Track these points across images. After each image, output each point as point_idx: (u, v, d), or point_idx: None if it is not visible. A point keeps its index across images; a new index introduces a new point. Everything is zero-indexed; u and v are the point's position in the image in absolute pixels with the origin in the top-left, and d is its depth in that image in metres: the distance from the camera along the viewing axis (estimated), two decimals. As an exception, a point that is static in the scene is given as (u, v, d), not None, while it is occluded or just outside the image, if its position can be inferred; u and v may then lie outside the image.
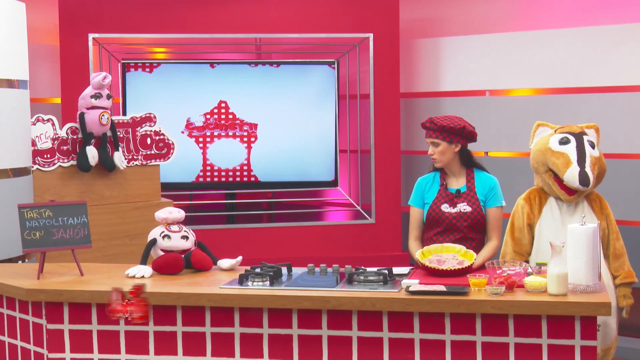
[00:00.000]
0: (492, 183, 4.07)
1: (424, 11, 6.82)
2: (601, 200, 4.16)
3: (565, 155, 4.05)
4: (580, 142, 4.08)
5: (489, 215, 4.02)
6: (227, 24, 6.43)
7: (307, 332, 3.29)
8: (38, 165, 4.66)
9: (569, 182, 4.00)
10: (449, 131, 4.01)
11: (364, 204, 6.72)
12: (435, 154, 4.04)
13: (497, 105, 6.33)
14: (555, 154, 4.08)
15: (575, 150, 4.05)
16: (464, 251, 3.65)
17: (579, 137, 4.10)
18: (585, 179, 3.98)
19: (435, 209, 4.03)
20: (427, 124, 4.06)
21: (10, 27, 4.26)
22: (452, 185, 4.08)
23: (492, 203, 4.03)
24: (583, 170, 3.99)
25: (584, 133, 4.15)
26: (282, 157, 6.61)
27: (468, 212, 3.99)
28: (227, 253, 3.95)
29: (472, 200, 4.02)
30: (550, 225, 4.11)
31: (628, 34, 5.72)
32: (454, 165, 4.07)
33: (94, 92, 4.76)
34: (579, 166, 4.00)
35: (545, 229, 4.11)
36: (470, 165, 4.10)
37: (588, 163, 4.02)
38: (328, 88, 6.60)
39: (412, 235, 4.13)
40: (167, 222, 3.78)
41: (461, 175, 4.09)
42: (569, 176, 4.00)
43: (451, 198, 4.02)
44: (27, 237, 3.60)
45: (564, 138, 4.11)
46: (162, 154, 5.08)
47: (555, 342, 3.11)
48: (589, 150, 4.07)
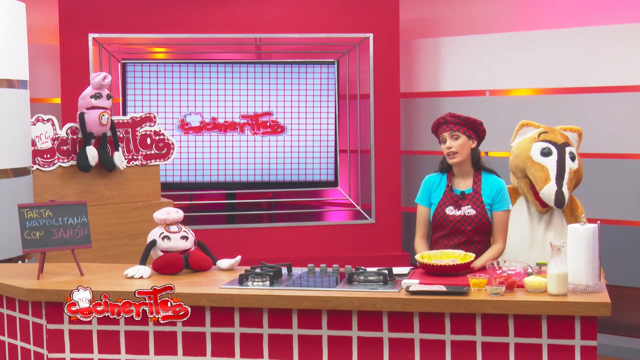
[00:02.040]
0: (499, 186, 3.98)
1: (424, 11, 6.83)
2: (572, 202, 4.15)
3: (545, 169, 4.06)
4: (562, 156, 4.07)
5: (495, 219, 3.95)
6: (227, 24, 6.43)
7: (307, 332, 3.29)
8: (38, 165, 4.66)
9: (544, 198, 4.04)
10: (470, 125, 3.96)
11: (364, 204, 6.72)
12: (455, 147, 3.94)
13: (497, 105, 6.33)
14: (535, 166, 4.09)
15: (556, 166, 4.05)
16: (463, 255, 3.65)
17: (561, 150, 4.09)
18: (560, 200, 4.02)
19: (440, 212, 3.99)
20: (447, 118, 3.99)
21: (10, 27, 4.26)
22: (459, 186, 4.02)
23: (498, 207, 3.95)
24: (560, 190, 4.01)
25: (567, 142, 4.14)
26: (282, 157, 6.61)
27: (472, 216, 3.93)
28: (227, 253, 3.95)
29: (476, 203, 3.96)
30: (517, 224, 4.12)
31: (628, 34, 5.72)
32: (466, 164, 4.00)
33: (94, 92, 4.76)
34: (556, 185, 4.01)
35: (512, 227, 4.11)
36: (479, 167, 4.04)
37: (566, 180, 4.04)
38: (328, 88, 6.60)
39: (418, 233, 4.07)
40: (166, 223, 3.77)
41: (469, 176, 4.02)
42: (545, 193, 4.04)
43: (456, 200, 3.97)
44: (27, 237, 3.60)
45: (545, 149, 4.09)
46: (162, 154, 5.08)
47: (555, 342, 3.11)
48: (569, 164, 4.07)
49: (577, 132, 4.23)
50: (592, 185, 5.20)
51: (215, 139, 6.54)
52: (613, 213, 5.69)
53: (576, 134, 4.22)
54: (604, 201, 5.72)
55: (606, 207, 5.71)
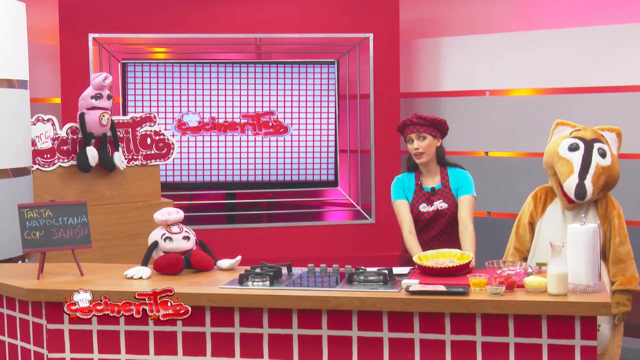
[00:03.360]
0: (463, 176, 4.19)
1: (424, 11, 6.82)
2: (608, 203, 4.08)
3: (570, 163, 3.99)
4: (588, 151, 4.01)
5: (460, 203, 4.13)
6: (227, 24, 6.43)
7: (307, 332, 3.29)
8: (38, 165, 4.66)
9: (567, 191, 3.98)
10: (435, 125, 4.15)
11: (364, 204, 6.73)
12: (422, 148, 4.14)
13: (497, 105, 6.33)
14: (562, 161, 4.02)
15: (581, 160, 3.99)
16: (460, 254, 3.65)
17: (588, 145, 4.02)
18: (581, 192, 3.93)
19: (414, 210, 4.18)
20: (413, 119, 4.17)
21: (10, 27, 4.25)
22: (427, 184, 4.21)
23: (463, 191, 4.15)
24: (581, 183, 3.94)
25: (598, 139, 4.07)
26: (282, 157, 6.61)
27: (444, 209, 4.14)
28: (227, 253, 3.95)
29: (447, 197, 4.16)
30: (551, 225, 4.08)
31: (628, 34, 5.72)
32: (432, 162, 4.20)
33: (94, 93, 4.76)
34: (579, 178, 3.94)
35: (545, 228, 4.08)
36: (444, 164, 4.23)
37: (591, 174, 3.95)
38: (328, 88, 6.60)
39: (405, 229, 4.19)
40: (167, 224, 3.77)
41: (436, 173, 4.22)
42: (567, 186, 3.97)
43: (428, 197, 4.16)
44: (27, 237, 3.60)
45: (573, 144, 4.04)
46: (162, 154, 5.08)
47: (555, 342, 3.11)
48: (596, 159, 3.99)
49: (616, 131, 4.17)
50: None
51: (215, 139, 6.54)
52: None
53: (614, 134, 4.16)
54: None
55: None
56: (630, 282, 3.96)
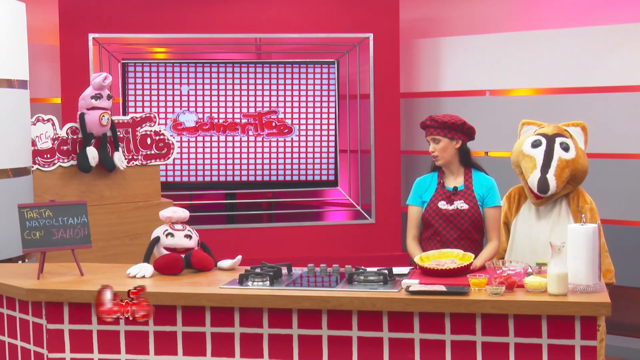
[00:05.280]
0: (489, 183, 4.08)
1: (424, 11, 6.82)
2: (579, 197, 4.16)
3: (533, 159, 4.10)
4: (550, 146, 4.10)
5: (487, 215, 4.03)
6: (227, 24, 6.43)
7: (307, 332, 3.29)
8: (38, 165, 4.66)
9: (531, 187, 4.06)
10: (450, 127, 4.04)
11: (364, 204, 6.72)
12: (437, 151, 4.06)
13: (497, 105, 6.33)
14: (526, 158, 4.14)
15: (543, 155, 4.07)
16: (462, 254, 3.65)
17: (550, 140, 4.12)
18: (543, 185, 4.02)
19: (432, 207, 4.06)
20: (427, 122, 4.10)
21: (10, 27, 4.26)
22: (450, 184, 4.10)
23: (489, 202, 4.04)
24: (543, 177, 4.02)
25: (560, 134, 4.15)
26: (282, 157, 6.61)
27: (465, 210, 4.01)
28: (227, 253, 3.95)
29: (469, 199, 4.03)
30: (526, 223, 4.16)
31: (628, 34, 5.72)
32: (454, 163, 4.10)
33: (94, 93, 4.76)
34: (540, 172, 4.04)
35: (520, 227, 4.16)
36: (469, 165, 4.12)
37: (553, 168, 4.04)
38: (328, 88, 6.60)
39: (410, 234, 4.13)
40: (171, 221, 3.79)
41: (459, 174, 4.11)
42: (530, 182, 4.08)
43: (448, 195, 4.05)
44: (27, 237, 3.60)
45: (536, 141, 4.15)
46: (162, 154, 5.08)
47: (555, 342, 3.11)
48: (558, 153, 4.08)
49: (580, 126, 4.25)
50: (593, 185, 5.20)
51: (215, 139, 6.54)
52: (614, 213, 5.69)
53: (579, 128, 4.24)
54: (605, 201, 5.71)
55: (607, 207, 5.70)
56: (604, 275, 4.00)
